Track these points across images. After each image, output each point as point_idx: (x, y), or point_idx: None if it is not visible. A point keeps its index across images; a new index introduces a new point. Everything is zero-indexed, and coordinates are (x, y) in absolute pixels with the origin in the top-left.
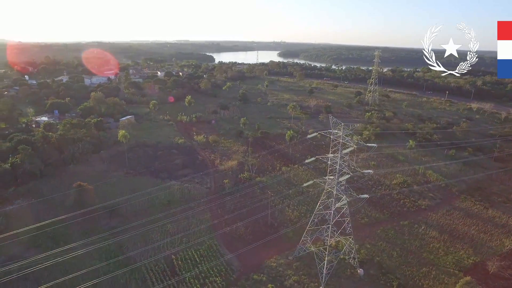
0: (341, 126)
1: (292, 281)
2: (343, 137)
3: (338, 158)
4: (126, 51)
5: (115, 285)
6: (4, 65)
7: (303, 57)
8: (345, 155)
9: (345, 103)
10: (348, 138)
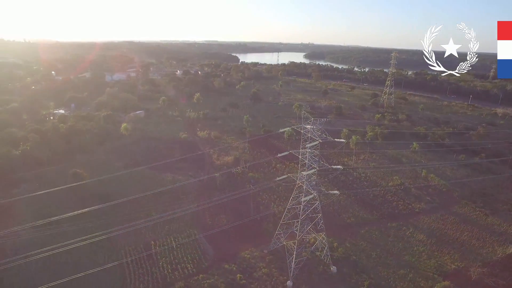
0: (310, 120)
1: (262, 273)
2: (311, 131)
3: (307, 152)
4: (153, 50)
5: (94, 264)
6: (38, 62)
7: (328, 59)
8: (314, 150)
9: (358, 104)
10: (319, 133)
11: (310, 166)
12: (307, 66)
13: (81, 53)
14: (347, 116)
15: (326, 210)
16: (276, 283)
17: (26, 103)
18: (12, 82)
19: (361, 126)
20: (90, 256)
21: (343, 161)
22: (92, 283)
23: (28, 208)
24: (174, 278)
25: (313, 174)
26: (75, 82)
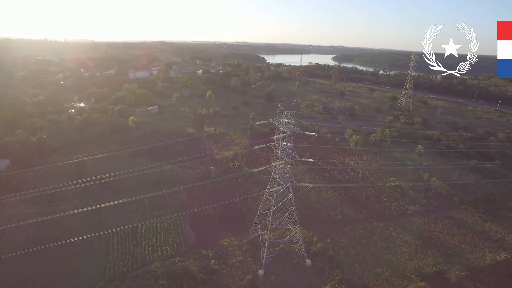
0: (284, 113)
1: (236, 260)
2: (283, 124)
3: (280, 145)
4: (182, 50)
5: (84, 242)
6: (72, 60)
7: (357, 62)
8: (288, 143)
9: (374, 107)
10: (291, 126)
11: (282, 158)
12: (328, 68)
13: (112, 52)
14: (360, 117)
15: (313, 207)
16: (248, 271)
17: (52, 96)
18: (44, 77)
19: (371, 127)
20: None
21: (344, 160)
22: (79, 255)
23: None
24: (152, 258)
25: (287, 166)
26: (99, 78)
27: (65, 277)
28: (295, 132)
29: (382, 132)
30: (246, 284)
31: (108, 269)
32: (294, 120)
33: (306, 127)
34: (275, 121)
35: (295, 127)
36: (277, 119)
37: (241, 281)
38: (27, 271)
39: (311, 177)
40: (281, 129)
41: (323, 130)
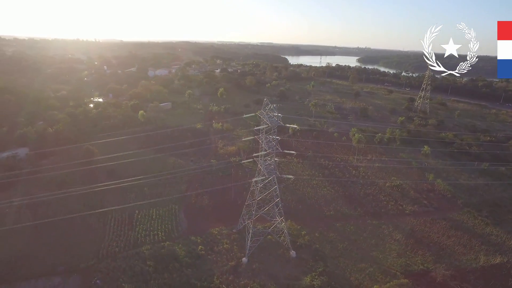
0: (268, 106)
1: (223, 248)
2: (266, 116)
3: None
4: (206, 50)
5: (83, 223)
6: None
7: (382, 64)
8: (272, 136)
9: (389, 108)
10: (274, 119)
11: (265, 149)
12: (348, 69)
13: (136, 51)
14: (372, 118)
15: (308, 202)
16: (232, 258)
17: (74, 91)
18: (70, 74)
19: (382, 128)
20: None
21: (348, 159)
22: (79, 235)
23: (49, 175)
24: (143, 242)
25: (272, 158)
26: (120, 76)
27: (64, 253)
28: (277, 124)
29: (392, 132)
30: (228, 270)
31: (102, 249)
32: (277, 113)
33: (314, 125)
34: (260, 114)
35: (278, 120)
36: (261, 112)
37: (224, 266)
38: (31, 245)
39: (311, 173)
40: (264, 121)
41: (331, 129)
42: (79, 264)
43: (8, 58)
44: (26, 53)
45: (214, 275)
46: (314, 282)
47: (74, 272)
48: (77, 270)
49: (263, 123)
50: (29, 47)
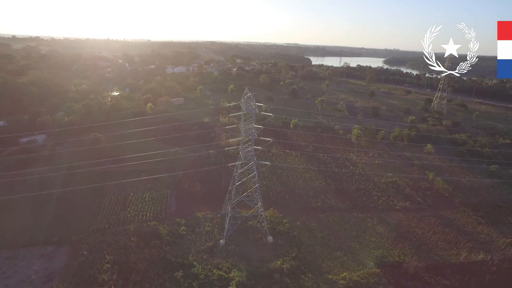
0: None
1: (204, 230)
2: (245, 105)
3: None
4: (230, 49)
5: (81, 202)
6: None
7: (409, 65)
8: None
9: (403, 108)
10: (252, 107)
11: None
12: (368, 69)
13: (159, 49)
14: (384, 117)
15: (297, 193)
16: (211, 239)
17: (93, 85)
18: (94, 70)
19: (391, 126)
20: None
21: (347, 155)
22: (75, 213)
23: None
24: (132, 220)
25: (251, 145)
26: (139, 72)
27: (60, 226)
28: (253, 112)
29: (400, 131)
30: (204, 250)
31: (93, 225)
32: (254, 102)
33: (321, 122)
34: (241, 103)
35: (255, 108)
36: (241, 101)
37: (201, 246)
38: (34, 217)
39: (306, 168)
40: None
41: (337, 126)
42: (71, 236)
43: (41, 56)
44: (58, 52)
45: (190, 253)
46: (283, 265)
47: (66, 243)
48: (69, 241)
49: (241, 111)
50: (63, 46)
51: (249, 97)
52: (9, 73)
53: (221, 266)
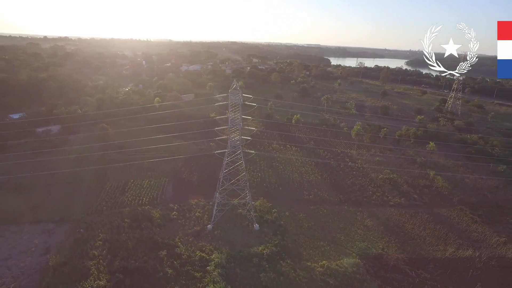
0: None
1: (194, 215)
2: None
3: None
4: (250, 49)
5: (85, 187)
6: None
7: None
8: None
9: (415, 108)
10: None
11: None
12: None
13: (177, 48)
14: (393, 116)
15: (291, 185)
16: (199, 224)
17: (109, 81)
18: (112, 68)
19: (399, 125)
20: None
21: (349, 151)
22: (79, 196)
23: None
24: (128, 204)
25: (237, 135)
26: (155, 70)
27: (63, 206)
28: (239, 101)
29: (407, 130)
30: (191, 233)
31: (93, 207)
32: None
33: (327, 120)
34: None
35: (240, 98)
36: (229, 93)
37: (189, 230)
38: (41, 198)
39: (304, 162)
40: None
41: (342, 124)
42: (72, 216)
43: (65, 54)
44: (82, 51)
45: (177, 235)
46: (264, 251)
47: (67, 222)
48: (69, 220)
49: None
50: (88, 45)
51: (236, 88)
52: (34, 69)
53: (204, 249)
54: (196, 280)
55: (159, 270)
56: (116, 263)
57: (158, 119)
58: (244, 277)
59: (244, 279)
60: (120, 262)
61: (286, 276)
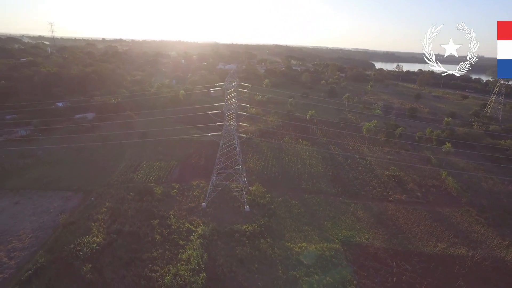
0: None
1: (192, 194)
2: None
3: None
4: (292, 52)
5: (106, 165)
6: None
7: (490, 73)
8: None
9: (449, 111)
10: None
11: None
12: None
13: (218, 49)
14: (421, 118)
15: (291, 175)
16: (194, 201)
17: (146, 77)
18: (153, 65)
19: (425, 127)
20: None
21: (360, 148)
22: (96, 171)
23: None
24: (136, 181)
25: (232, 120)
26: (190, 67)
27: (81, 179)
28: (232, 87)
29: (431, 132)
30: (186, 208)
31: (106, 181)
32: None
33: (348, 119)
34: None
35: (236, 85)
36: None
37: (184, 206)
38: (65, 171)
39: (311, 155)
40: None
41: (362, 123)
42: (87, 187)
43: (114, 52)
44: (132, 50)
45: (172, 209)
46: (247, 229)
47: (82, 191)
48: (84, 190)
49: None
50: (139, 46)
51: (232, 75)
52: (84, 65)
53: (193, 222)
54: (179, 246)
55: (149, 236)
56: (114, 226)
57: (182, 111)
58: (223, 249)
59: (222, 251)
60: (117, 225)
61: (262, 252)
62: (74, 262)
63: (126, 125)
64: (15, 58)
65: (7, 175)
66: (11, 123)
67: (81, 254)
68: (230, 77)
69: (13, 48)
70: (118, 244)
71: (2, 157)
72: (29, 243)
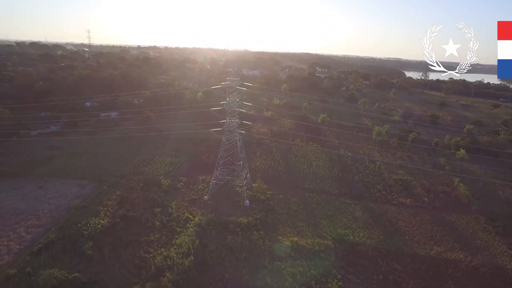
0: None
1: (197, 187)
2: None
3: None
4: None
5: (122, 156)
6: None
7: None
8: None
9: (474, 120)
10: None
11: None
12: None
13: (245, 56)
14: (441, 126)
15: (296, 175)
16: (198, 194)
17: (171, 80)
18: (179, 70)
19: (444, 134)
20: (124, 154)
21: (370, 152)
22: (112, 163)
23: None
24: (147, 174)
25: (234, 118)
26: (213, 72)
27: (98, 169)
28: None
29: (450, 139)
30: (188, 200)
31: (119, 172)
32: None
33: (364, 124)
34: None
35: (237, 83)
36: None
37: (187, 197)
38: (85, 163)
39: (318, 156)
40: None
41: (378, 128)
42: (102, 177)
43: (144, 58)
44: (162, 56)
45: (175, 200)
46: (242, 221)
47: (97, 180)
48: (100, 180)
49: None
50: (170, 53)
51: (233, 75)
52: (114, 69)
53: (193, 212)
54: (175, 233)
55: (150, 221)
56: (119, 211)
57: (199, 111)
58: (216, 238)
59: (215, 239)
60: (123, 211)
61: (253, 243)
62: (79, 239)
63: (145, 123)
64: (56, 63)
65: (36, 163)
66: (45, 119)
67: (86, 233)
68: (231, 77)
69: (56, 54)
70: (120, 227)
71: (35, 149)
72: (45, 221)
